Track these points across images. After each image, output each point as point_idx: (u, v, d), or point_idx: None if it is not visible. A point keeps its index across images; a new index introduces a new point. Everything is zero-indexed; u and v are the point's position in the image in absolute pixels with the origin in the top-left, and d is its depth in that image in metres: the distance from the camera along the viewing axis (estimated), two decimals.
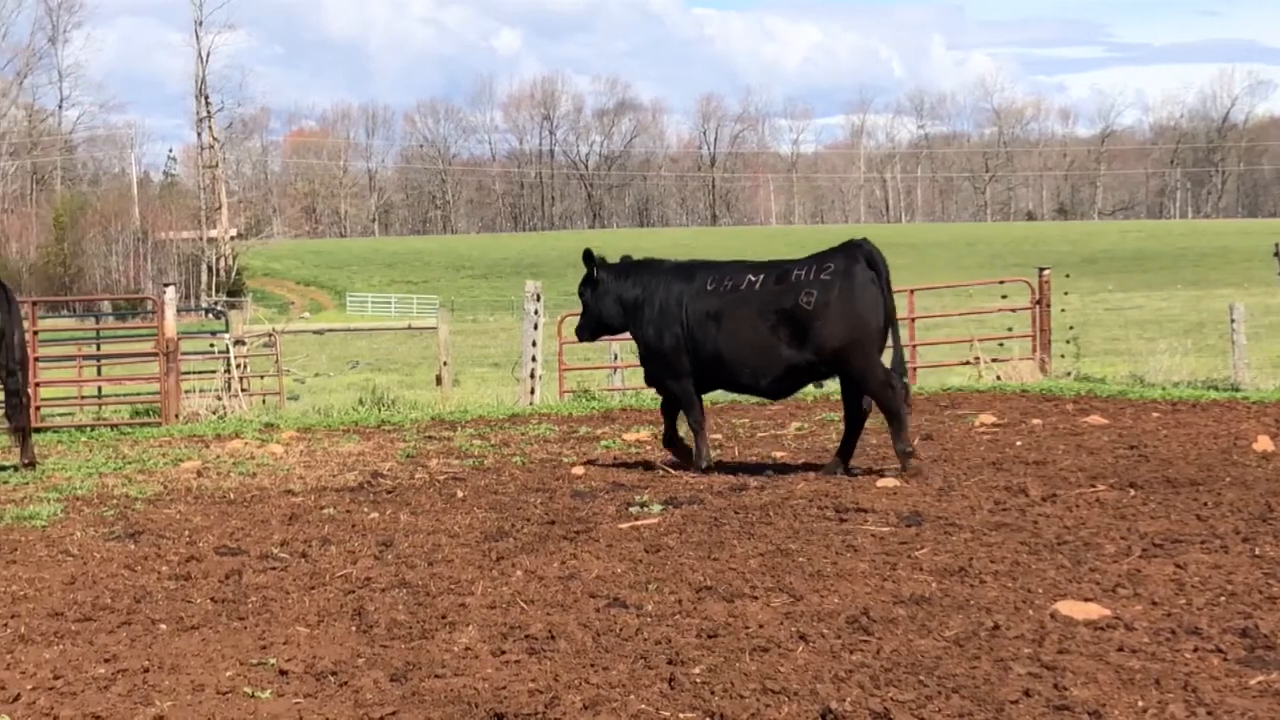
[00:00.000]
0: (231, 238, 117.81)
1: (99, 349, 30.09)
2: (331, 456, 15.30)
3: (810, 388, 18.22)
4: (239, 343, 24.05)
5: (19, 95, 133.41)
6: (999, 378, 22.83)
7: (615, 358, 26.85)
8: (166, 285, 22.38)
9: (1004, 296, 26.62)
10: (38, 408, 21.45)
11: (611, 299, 13.56)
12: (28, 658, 7.08)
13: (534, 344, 22.21)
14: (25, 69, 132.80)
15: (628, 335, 14.19)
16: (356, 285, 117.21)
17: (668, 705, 6.06)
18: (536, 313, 22.31)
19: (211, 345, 25.69)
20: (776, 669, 6.46)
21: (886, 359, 12.44)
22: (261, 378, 25.77)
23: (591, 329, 13.99)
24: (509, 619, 7.54)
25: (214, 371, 23.85)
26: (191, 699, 6.34)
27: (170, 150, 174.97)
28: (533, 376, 22.18)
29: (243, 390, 23.25)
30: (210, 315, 55.21)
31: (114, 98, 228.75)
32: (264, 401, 24.10)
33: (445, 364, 23.51)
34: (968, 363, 24.64)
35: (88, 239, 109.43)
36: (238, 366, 23.48)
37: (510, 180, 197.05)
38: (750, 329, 12.59)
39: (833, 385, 22.94)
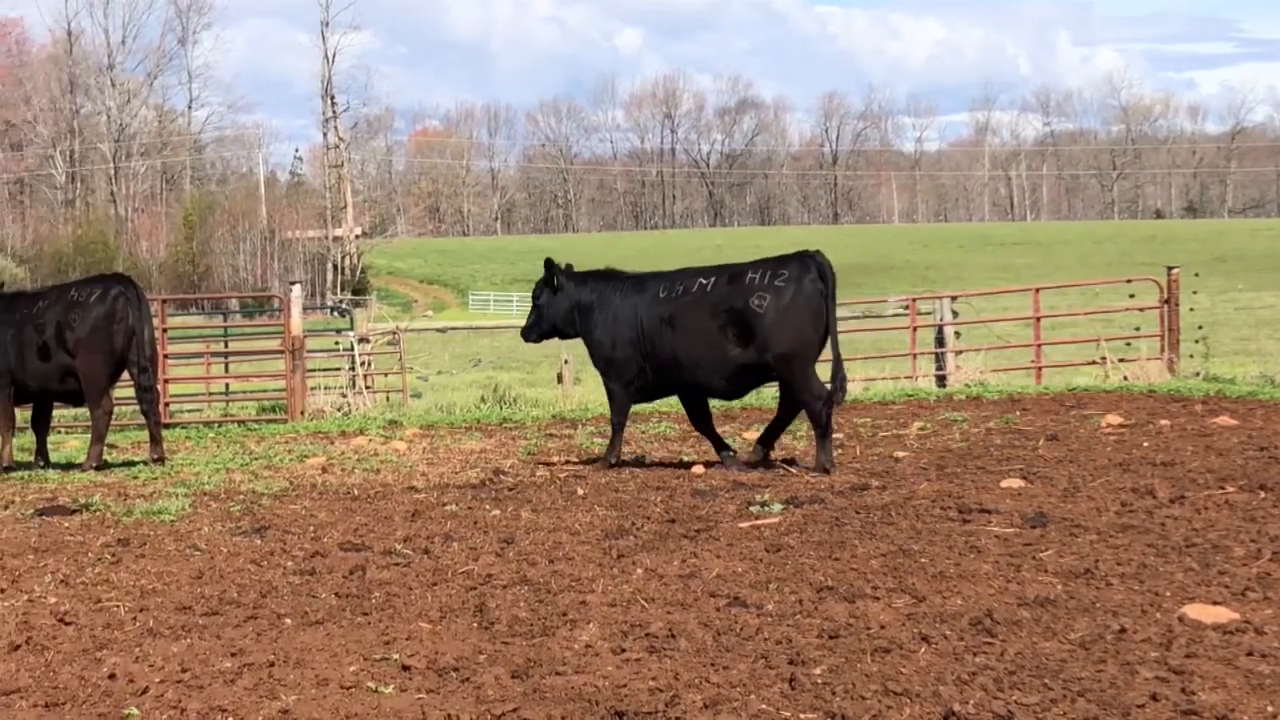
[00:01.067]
0: (356, 236, 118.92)
1: (227, 346, 30.69)
2: (454, 454, 15.42)
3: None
4: (363, 341, 24.31)
5: (149, 96, 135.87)
6: (1126, 378, 22.56)
7: None
8: (293, 284, 22.66)
9: (1131, 295, 26.29)
10: (166, 404, 21.84)
11: (567, 304, 14.07)
12: (156, 651, 7.17)
13: None
14: (156, 70, 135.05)
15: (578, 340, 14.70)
16: (479, 284, 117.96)
17: (788, 705, 6.03)
18: None
19: (337, 343, 25.99)
20: (898, 670, 6.41)
21: (825, 370, 13.06)
22: (385, 375, 26.02)
23: (541, 331, 14.51)
24: (629, 617, 7.54)
25: (339, 369, 24.13)
26: (316, 693, 6.39)
27: (296, 150, 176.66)
28: None
29: (367, 388, 23.52)
30: (335, 313, 55.78)
31: (242, 98, 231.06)
32: (388, 399, 24.34)
33: (566, 362, 23.61)
34: (1094, 362, 24.37)
35: (216, 238, 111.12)
36: (362, 364, 23.74)
37: (631, 179, 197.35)
38: (702, 329, 13.09)
39: (955, 386, 22.84)
